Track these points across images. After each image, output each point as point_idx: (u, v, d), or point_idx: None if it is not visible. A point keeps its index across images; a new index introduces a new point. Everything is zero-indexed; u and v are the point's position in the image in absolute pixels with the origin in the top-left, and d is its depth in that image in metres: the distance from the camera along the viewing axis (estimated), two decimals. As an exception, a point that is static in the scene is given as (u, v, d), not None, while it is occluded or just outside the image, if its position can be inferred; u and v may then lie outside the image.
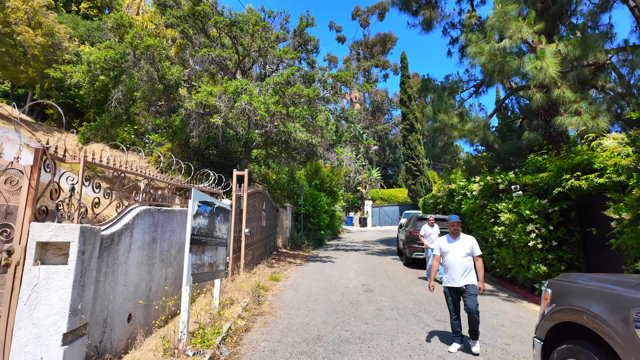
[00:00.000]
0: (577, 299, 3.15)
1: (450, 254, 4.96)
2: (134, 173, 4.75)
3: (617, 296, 2.83)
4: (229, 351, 4.71)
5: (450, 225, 5.12)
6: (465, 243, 4.98)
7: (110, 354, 3.80)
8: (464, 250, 4.93)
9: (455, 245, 5.00)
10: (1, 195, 3.32)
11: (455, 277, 4.84)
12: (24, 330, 3.00)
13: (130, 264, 4.38)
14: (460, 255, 4.89)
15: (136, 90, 11.98)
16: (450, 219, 5.12)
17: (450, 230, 5.11)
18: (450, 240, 5.07)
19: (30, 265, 3.09)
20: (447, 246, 5.04)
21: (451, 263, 4.91)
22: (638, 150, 4.76)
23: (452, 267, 4.90)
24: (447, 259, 4.98)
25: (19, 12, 15.34)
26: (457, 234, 5.09)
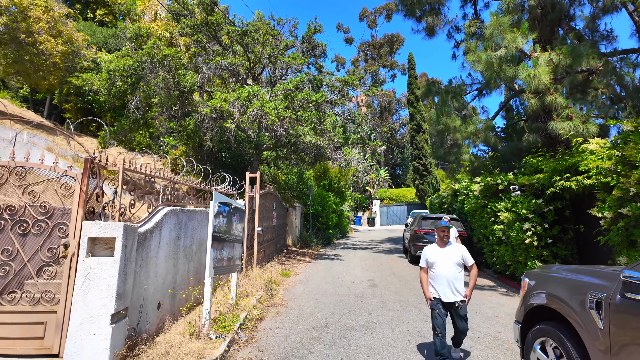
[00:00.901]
0: (548, 286, 3.64)
1: (439, 264, 4.35)
2: (162, 177, 5.35)
3: (577, 282, 3.33)
4: (246, 336, 5.28)
5: (440, 231, 4.50)
6: (455, 252, 4.43)
7: (146, 335, 4.38)
8: (454, 259, 4.36)
9: (444, 254, 4.40)
10: (58, 198, 3.91)
11: (446, 291, 4.26)
12: (80, 310, 3.59)
13: (160, 258, 4.97)
14: (451, 266, 4.33)
15: (153, 97, 12.64)
16: (440, 224, 4.51)
17: (439, 236, 4.51)
18: (438, 249, 4.46)
19: (83, 257, 3.68)
20: (434, 256, 4.41)
21: (440, 275, 4.32)
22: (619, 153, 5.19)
23: (440, 279, 4.32)
24: (436, 270, 4.36)
25: (41, 22, 16.13)
26: (446, 242, 4.51)
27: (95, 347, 3.55)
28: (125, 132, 13.48)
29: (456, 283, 4.29)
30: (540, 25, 11.48)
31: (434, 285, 4.38)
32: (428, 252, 4.52)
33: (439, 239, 4.54)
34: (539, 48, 8.03)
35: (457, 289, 4.28)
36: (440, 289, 4.31)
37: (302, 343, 5.04)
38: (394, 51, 53.66)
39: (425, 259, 4.52)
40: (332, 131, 12.64)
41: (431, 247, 4.57)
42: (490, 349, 4.91)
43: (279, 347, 4.90)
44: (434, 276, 4.39)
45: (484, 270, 11.21)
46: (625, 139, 5.22)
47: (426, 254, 4.53)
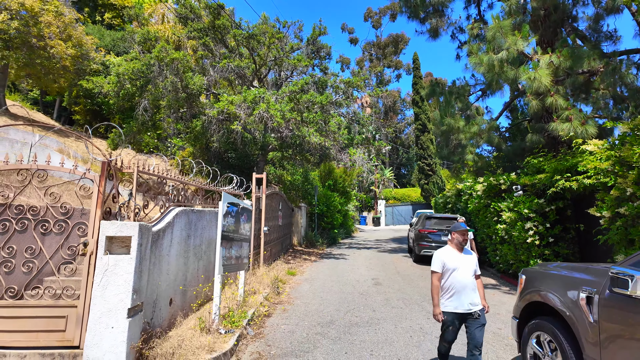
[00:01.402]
0: (543, 283, 3.81)
1: (459, 271, 3.84)
2: (173, 179, 5.57)
3: (570, 279, 3.49)
4: (254, 331, 5.49)
5: (459, 235, 3.97)
6: (473, 258, 4.02)
7: (159, 329, 4.60)
8: (472, 267, 3.95)
9: (465, 260, 3.92)
10: (77, 199, 4.14)
11: (464, 301, 3.79)
12: (99, 305, 3.81)
13: (171, 256, 5.18)
14: (471, 274, 3.90)
15: (161, 99, 12.89)
16: (459, 226, 4.02)
17: (459, 240, 3.96)
18: (457, 254, 3.95)
19: (101, 254, 3.89)
20: (455, 261, 3.88)
21: (461, 283, 3.81)
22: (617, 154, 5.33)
23: (461, 288, 3.81)
24: (455, 278, 3.83)
25: (52, 26, 16.45)
26: (464, 246, 4.03)
27: (113, 340, 3.76)
28: (134, 133, 13.76)
29: (474, 292, 3.87)
30: (543, 26, 11.58)
31: (451, 295, 3.82)
32: (446, 256, 3.91)
33: (457, 242, 3.97)
34: (540, 50, 8.18)
35: (475, 299, 3.86)
36: (459, 299, 3.79)
37: (308, 338, 5.23)
38: (399, 51, 53.70)
39: (441, 263, 3.89)
40: (337, 132, 12.82)
41: (448, 250, 3.99)
42: (491, 345, 5.07)
43: (285, 341, 5.10)
44: (452, 284, 3.82)
45: (487, 269, 11.34)
46: (623, 140, 5.35)
47: (443, 258, 3.91)
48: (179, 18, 14.35)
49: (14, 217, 4.00)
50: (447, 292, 3.86)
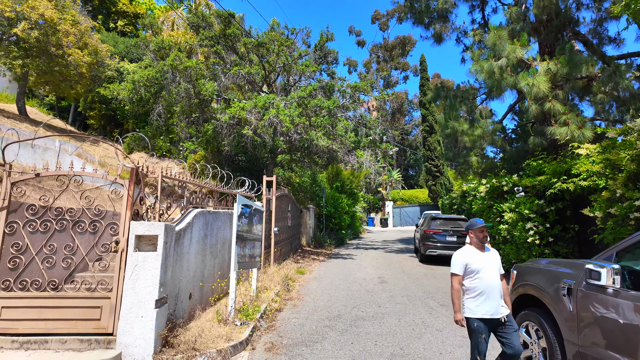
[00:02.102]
0: (531, 277, 4.17)
1: (485, 271, 3.52)
2: (192, 183, 6.02)
3: (554, 273, 3.85)
4: (266, 324, 5.91)
5: (478, 232, 3.64)
6: (497, 257, 3.72)
7: (181, 320, 5.04)
8: (497, 266, 3.64)
9: (488, 259, 3.61)
10: (109, 202, 4.60)
11: (494, 305, 3.46)
12: (129, 297, 4.25)
13: (191, 253, 5.63)
14: (496, 274, 3.58)
15: (175, 105, 13.42)
16: (477, 222, 3.65)
17: (479, 238, 3.64)
18: (480, 254, 3.63)
19: (131, 251, 4.34)
20: (478, 261, 3.56)
21: (487, 285, 3.49)
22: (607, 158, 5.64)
23: (487, 290, 3.47)
24: (482, 280, 3.50)
25: (70, 35, 17.13)
26: (485, 244, 3.71)
27: (142, 328, 4.21)
28: (148, 138, 14.30)
29: (502, 295, 3.55)
30: (545, 30, 11.86)
31: (480, 299, 3.47)
32: (469, 257, 3.59)
33: (477, 241, 3.66)
34: (539, 57, 8.49)
35: (502, 302, 3.55)
36: (487, 304, 3.45)
37: (317, 330, 5.64)
38: (406, 53, 53.91)
39: (462, 264, 3.57)
40: (344, 136, 13.22)
41: (469, 251, 3.66)
42: (487, 336, 5.42)
43: (296, 333, 5.50)
44: (480, 287, 3.48)
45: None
46: (613, 144, 5.65)
47: (464, 259, 3.59)
48: (191, 26, 14.87)
49: (54, 218, 4.47)
50: (475, 296, 3.48)
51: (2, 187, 4.38)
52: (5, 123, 14.31)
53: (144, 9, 31.09)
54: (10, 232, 4.36)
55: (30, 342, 4.16)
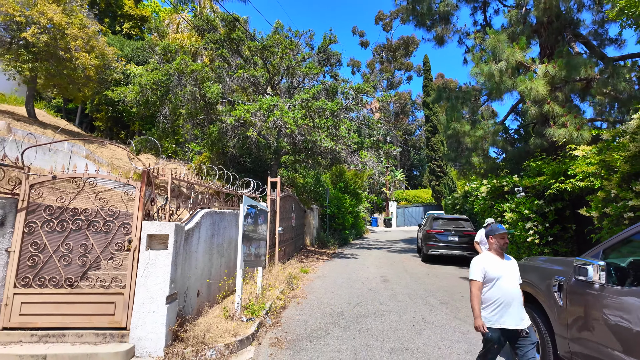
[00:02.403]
0: (526, 274, 4.34)
1: (504, 280, 3.38)
2: (199, 184, 6.24)
3: (547, 270, 4.03)
4: (272, 321, 6.11)
5: (500, 238, 3.51)
6: (515, 266, 3.57)
7: (190, 316, 5.26)
8: (517, 274, 3.51)
9: (508, 267, 3.48)
10: (122, 203, 4.82)
11: (513, 315, 3.32)
12: (142, 293, 4.47)
13: (199, 252, 5.84)
14: (517, 283, 3.45)
15: (181, 108, 13.68)
16: (498, 228, 3.54)
17: (499, 244, 3.51)
18: (499, 261, 3.48)
19: (143, 249, 4.56)
20: (498, 269, 3.41)
21: (508, 294, 3.34)
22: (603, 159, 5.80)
23: (509, 300, 3.33)
24: (501, 288, 3.36)
25: (78, 39, 17.44)
26: (504, 251, 3.58)
27: (154, 322, 4.42)
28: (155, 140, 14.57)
29: (522, 305, 3.41)
30: (546, 32, 12.00)
31: (497, 308, 3.33)
32: (488, 263, 3.44)
33: (496, 247, 3.52)
34: (537, 60, 8.63)
35: (523, 312, 3.40)
36: (507, 313, 3.31)
37: (320, 326, 5.84)
38: (410, 53, 54.01)
39: (482, 270, 3.42)
40: (347, 137, 13.41)
41: (488, 257, 3.52)
42: (485, 332, 5.60)
43: (300, 329, 5.71)
44: (498, 296, 3.35)
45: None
46: (608, 146, 5.81)
47: (484, 264, 3.44)
48: (196, 30, 15.12)
49: (70, 218, 4.70)
50: (492, 304, 3.35)
51: (21, 189, 4.62)
52: (16, 125, 14.63)
53: (149, 12, 31.45)
54: (29, 232, 4.59)
55: (49, 335, 4.39)
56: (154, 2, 35.87)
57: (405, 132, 55.40)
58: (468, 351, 4.85)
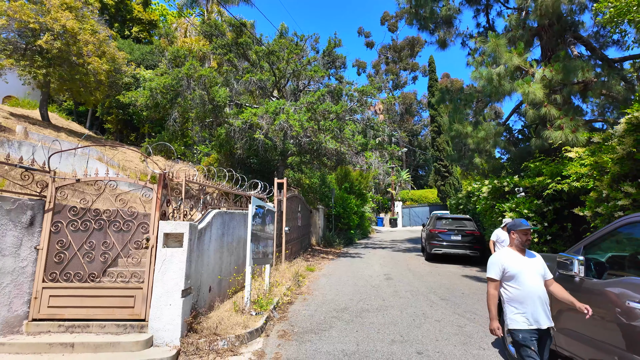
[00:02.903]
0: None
1: (525, 276, 3.17)
2: (211, 186, 6.60)
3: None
4: (279, 315, 6.46)
5: (522, 234, 3.31)
6: (540, 261, 3.34)
7: (204, 309, 5.61)
8: (540, 271, 3.27)
9: (530, 264, 3.26)
10: (140, 204, 5.19)
11: (539, 314, 3.10)
12: (159, 287, 4.84)
13: (210, 250, 6.20)
14: (540, 280, 3.22)
15: (190, 111, 14.09)
16: (522, 224, 3.33)
17: (521, 240, 3.31)
18: (519, 257, 3.28)
19: (160, 247, 4.92)
20: (517, 264, 3.23)
21: (529, 291, 3.15)
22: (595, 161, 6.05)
23: (532, 297, 3.12)
24: (522, 286, 3.16)
25: (90, 45, 17.96)
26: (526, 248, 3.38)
27: (171, 314, 4.78)
28: (165, 142, 15.01)
29: (546, 303, 3.19)
30: (547, 35, 12.21)
31: (519, 307, 3.15)
32: (506, 259, 3.26)
33: (518, 243, 3.32)
34: (535, 64, 8.88)
35: (547, 311, 3.17)
36: (531, 312, 3.10)
37: (325, 320, 6.17)
38: (415, 54, 54.12)
39: (500, 268, 3.24)
40: (351, 139, 13.72)
41: (508, 253, 3.33)
42: (481, 325, 5.89)
43: (306, 323, 6.04)
44: (518, 294, 3.16)
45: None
46: (600, 148, 6.06)
47: (503, 261, 3.26)
48: (204, 35, 15.53)
49: (92, 218, 5.08)
50: (514, 303, 3.17)
51: (47, 192, 5.00)
52: (31, 129, 15.14)
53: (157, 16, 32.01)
54: (55, 231, 4.98)
55: (74, 326, 4.77)
56: (161, 6, 36.49)
57: (411, 132, 55.55)
58: (464, 343, 5.15)
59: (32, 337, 4.56)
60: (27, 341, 4.42)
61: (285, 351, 4.83)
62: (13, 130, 13.20)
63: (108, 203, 5.36)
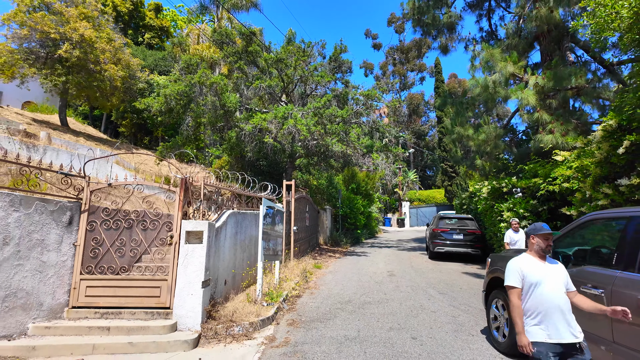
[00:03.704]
0: (499, 263, 5.17)
1: (546, 285, 2.89)
2: (225, 188, 7.23)
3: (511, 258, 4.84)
4: (288, 306, 7.05)
5: (543, 239, 3.02)
6: (562, 270, 3.04)
7: (220, 299, 6.23)
8: (562, 279, 2.96)
9: (551, 272, 2.97)
10: (165, 205, 5.83)
11: (560, 327, 2.80)
12: (181, 279, 5.46)
13: (226, 247, 6.83)
14: (562, 290, 2.91)
15: (202, 116, 14.79)
16: (543, 228, 3.04)
17: (541, 246, 3.02)
18: (540, 264, 3.00)
19: (183, 243, 5.55)
20: (538, 273, 2.94)
21: (550, 302, 2.85)
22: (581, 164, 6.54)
23: (552, 309, 2.84)
24: (542, 295, 2.88)
25: (106, 52, 18.79)
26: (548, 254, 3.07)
27: (192, 303, 5.41)
28: (179, 146, 15.73)
29: (570, 315, 2.87)
30: (546, 40, 12.63)
31: (538, 319, 2.86)
32: (526, 266, 3.00)
33: (538, 249, 3.04)
34: (529, 71, 9.35)
35: (572, 323, 2.85)
36: (552, 324, 2.81)
37: (330, 311, 6.75)
38: (422, 55, 54.34)
39: (520, 275, 2.98)
40: (356, 142, 14.29)
41: (527, 259, 3.06)
42: (473, 316, 6.43)
43: (312, 313, 6.63)
44: (538, 304, 2.87)
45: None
46: (583, 152, 6.54)
47: (522, 268, 3.00)
48: (216, 43, 16.22)
49: (122, 218, 5.73)
50: (532, 314, 2.89)
51: (83, 195, 5.67)
52: (53, 135, 15.96)
53: (168, 22, 32.91)
54: (90, 229, 5.64)
55: (108, 313, 5.42)
56: (172, 12, 37.41)
57: (418, 132, 55.81)
58: (455, 330, 5.69)
59: (72, 322, 5.22)
60: (69, 325, 5.08)
61: (293, 336, 5.42)
62: (37, 135, 14.00)
63: (136, 204, 6.00)
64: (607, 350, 3.28)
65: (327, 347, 4.96)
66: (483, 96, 9.88)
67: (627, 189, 5.33)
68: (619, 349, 3.12)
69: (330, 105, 14.25)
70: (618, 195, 5.55)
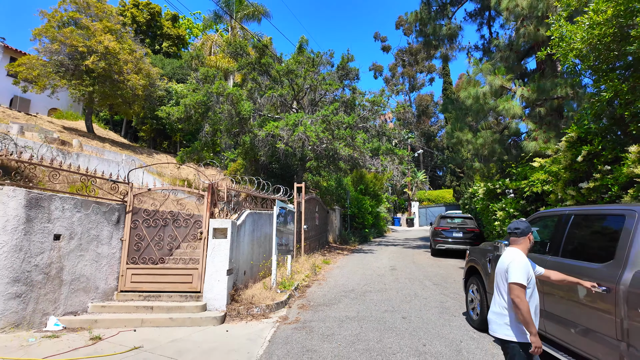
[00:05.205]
0: (474, 254, 6.15)
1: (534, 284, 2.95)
2: (243, 191, 8.33)
3: (484, 249, 5.84)
4: (299, 294, 8.12)
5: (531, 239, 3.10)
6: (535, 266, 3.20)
7: (241, 285, 7.33)
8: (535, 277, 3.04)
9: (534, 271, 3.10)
10: (196, 206, 6.94)
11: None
12: (210, 267, 6.56)
13: (245, 242, 7.92)
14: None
15: (219, 124, 15.97)
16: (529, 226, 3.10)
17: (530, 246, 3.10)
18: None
19: (210, 238, 6.66)
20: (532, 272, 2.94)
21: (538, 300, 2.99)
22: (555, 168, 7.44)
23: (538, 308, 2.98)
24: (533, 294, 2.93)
25: (129, 63, 20.15)
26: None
27: (219, 288, 6.51)
28: (198, 151, 16.96)
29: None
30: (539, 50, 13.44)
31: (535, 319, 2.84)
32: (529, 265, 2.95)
33: (530, 247, 3.10)
34: (517, 82, 10.24)
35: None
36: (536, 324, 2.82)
37: (335, 298, 7.80)
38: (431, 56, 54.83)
39: (528, 274, 2.85)
40: (362, 146, 15.30)
41: (525, 256, 2.97)
42: (459, 302, 7.40)
43: (320, 299, 7.68)
44: (535, 303, 2.94)
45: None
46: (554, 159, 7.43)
47: (528, 267, 2.90)
48: (230, 55, 17.40)
49: (160, 218, 6.87)
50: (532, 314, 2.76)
51: (128, 198, 6.82)
52: (82, 141, 17.35)
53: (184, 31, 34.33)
54: (134, 227, 6.79)
55: (150, 296, 6.56)
56: (187, 20, 38.89)
57: (427, 133, 56.40)
58: (440, 312, 6.68)
59: (122, 303, 6.37)
60: (120, 304, 6.23)
61: (303, 316, 6.48)
62: (70, 143, 15.35)
63: (171, 206, 7.12)
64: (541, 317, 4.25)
65: (330, 323, 6.01)
66: (475, 107, 10.78)
67: (587, 191, 6.24)
68: (548, 314, 4.09)
69: (337, 112, 15.27)
70: (580, 196, 6.45)
